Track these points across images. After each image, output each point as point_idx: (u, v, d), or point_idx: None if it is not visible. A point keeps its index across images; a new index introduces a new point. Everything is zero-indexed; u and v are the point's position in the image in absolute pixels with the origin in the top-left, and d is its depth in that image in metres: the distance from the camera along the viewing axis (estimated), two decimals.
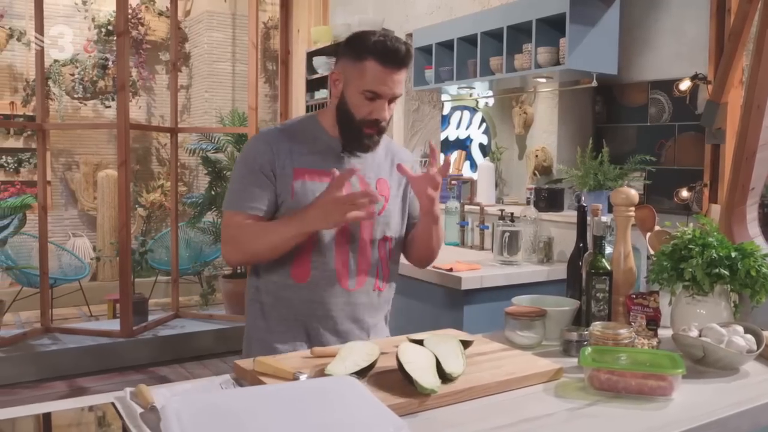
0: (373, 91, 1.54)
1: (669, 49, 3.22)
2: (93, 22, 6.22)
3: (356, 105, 1.57)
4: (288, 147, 1.63)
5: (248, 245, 1.60)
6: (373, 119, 1.58)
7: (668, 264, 1.64)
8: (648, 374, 1.28)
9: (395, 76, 1.55)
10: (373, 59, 1.53)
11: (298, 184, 1.61)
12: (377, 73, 1.53)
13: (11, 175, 6.04)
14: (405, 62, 1.55)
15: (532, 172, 3.84)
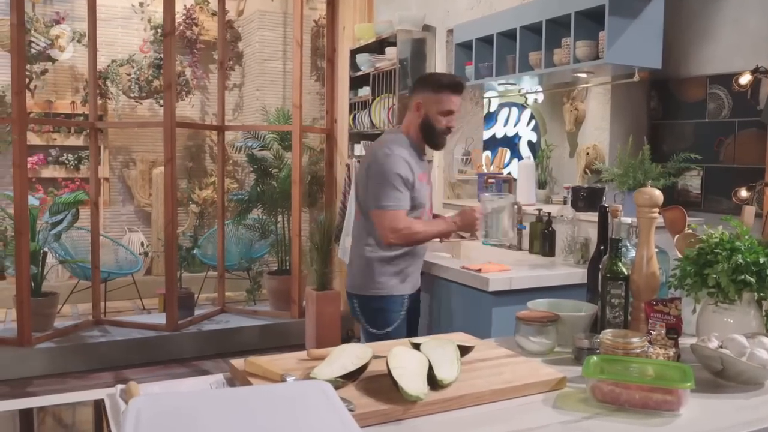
0: (449, 110, 2.45)
1: (729, 41, 3.05)
2: (149, 23, 6.38)
3: (438, 120, 2.45)
4: (410, 162, 2.45)
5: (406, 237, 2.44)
6: (449, 128, 2.48)
7: (692, 269, 1.54)
8: (654, 387, 1.20)
9: (459, 99, 2.49)
10: (449, 91, 2.44)
11: (418, 184, 2.48)
12: (451, 99, 2.45)
13: (72, 172, 6.26)
14: (462, 90, 2.50)
15: (582, 171, 3.71)
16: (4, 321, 5.09)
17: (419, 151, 2.51)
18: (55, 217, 4.58)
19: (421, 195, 2.47)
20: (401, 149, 2.45)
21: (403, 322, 2.53)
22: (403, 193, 2.39)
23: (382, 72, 4.02)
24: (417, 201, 2.45)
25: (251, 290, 5.50)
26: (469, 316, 2.62)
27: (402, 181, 2.39)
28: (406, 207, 2.41)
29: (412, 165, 2.43)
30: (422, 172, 2.49)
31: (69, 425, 1.27)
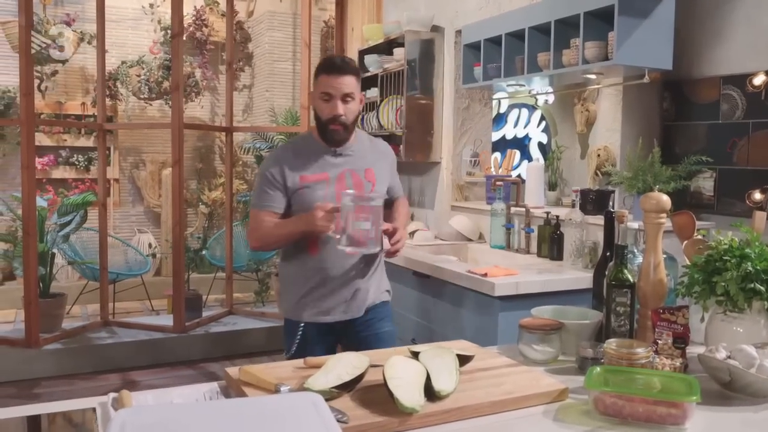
0: (325, 92, 2.12)
1: (743, 41, 2.99)
2: (159, 24, 6.39)
3: (320, 108, 2.15)
4: (293, 162, 2.20)
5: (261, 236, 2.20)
6: (332, 116, 2.12)
7: (700, 277, 1.50)
8: (658, 400, 1.16)
9: (339, 79, 2.10)
10: (322, 71, 2.14)
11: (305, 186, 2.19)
12: (325, 79, 2.12)
13: (82, 172, 6.28)
14: (342, 68, 2.12)
15: (593, 173, 3.66)
16: (14, 321, 5.10)
17: (324, 147, 2.19)
18: (63, 218, 4.59)
19: (314, 197, 2.15)
20: (289, 147, 2.28)
21: (304, 351, 2.17)
22: (267, 194, 2.17)
23: (391, 73, 3.99)
24: (305, 204, 2.13)
25: (259, 292, 5.49)
26: (476, 321, 2.59)
27: (267, 180, 2.17)
28: (269, 208, 2.17)
29: (297, 163, 2.18)
30: (321, 171, 2.18)
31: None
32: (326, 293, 2.21)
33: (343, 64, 2.13)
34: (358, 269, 2.23)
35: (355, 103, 2.15)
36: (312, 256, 2.22)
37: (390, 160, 2.37)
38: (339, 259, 2.19)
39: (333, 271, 2.20)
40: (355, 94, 2.15)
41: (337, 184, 2.19)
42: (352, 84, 2.12)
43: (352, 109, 2.14)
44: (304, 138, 2.31)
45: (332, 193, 2.16)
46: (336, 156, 2.21)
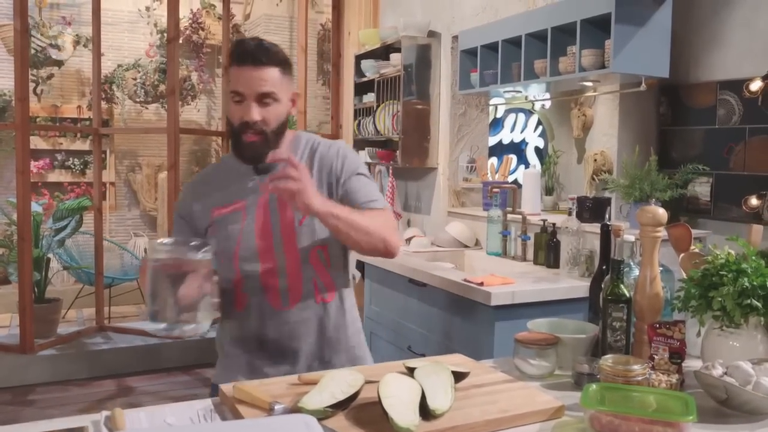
0: (235, 91, 1.55)
1: (739, 46, 2.99)
2: (155, 28, 6.38)
3: (230, 111, 1.59)
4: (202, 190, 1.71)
5: None
6: (244, 122, 1.54)
7: (696, 291, 1.49)
8: (654, 420, 1.15)
9: (253, 73, 1.53)
10: (233, 63, 1.56)
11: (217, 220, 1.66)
12: (236, 73, 1.55)
13: (78, 176, 6.26)
14: (257, 57, 1.54)
15: (590, 177, 3.66)
16: (9, 326, 5.09)
17: (244, 167, 1.64)
18: (58, 223, 4.57)
19: (226, 235, 1.63)
20: (200, 175, 1.80)
21: None
22: (176, 233, 1.70)
23: (387, 78, 3.98)
24: (219, 246, 1.57)
25: None
26: (472, 330, 2.58)
27: (175, 224, 1.72)
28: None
29: (208, 194, 1.68)
30: (235, 199, 1.64)
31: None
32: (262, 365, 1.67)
33: (259, 51, 1.54)
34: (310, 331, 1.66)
35: (279, 105, 1.57)
36: (238, 312, 1.66)
37: (339, 168, 1.67)
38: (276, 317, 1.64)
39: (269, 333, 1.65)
40: (280, 92, 1.57)
41: (259, 214, 1.63)
42: (273, 79, 1.55)
43: (274, 112, 1.56)
44: (224, 159, 1.77)
45: (251, 229, 1.62)
46: (259, 175, 1.63)
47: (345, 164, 1.67)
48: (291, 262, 1.62)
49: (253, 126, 1.54)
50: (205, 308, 1.39)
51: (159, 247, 1.36)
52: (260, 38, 1.59)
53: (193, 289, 1.37)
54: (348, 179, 1.66)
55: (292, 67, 1.63)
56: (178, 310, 1.35)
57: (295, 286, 1.63)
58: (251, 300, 1.64)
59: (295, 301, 1.63)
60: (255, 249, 1.62)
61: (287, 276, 1.63)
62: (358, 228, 1.51)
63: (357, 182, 1.67)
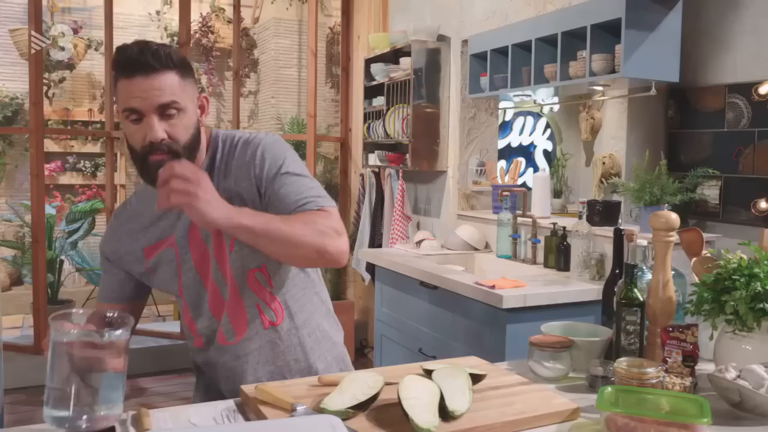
0: (129, 108, 1.30)
1: (748, 50, 3.01)
2: (165, 31, 6.42)
3: (129, 134, 1.33)
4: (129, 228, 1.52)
5: None
6: (148, 143, 1.30)
7: (709, 296, 1.51)
8: (670, 422, 1.17)
9: (144, 83, 1.28)
10: (118, 75, 1.31)
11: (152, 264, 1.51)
12: (125, 87, 1.30)
13: (89, 178, 6.31)
14: (145, 62, 1.28)
15: (598, 180, 3.68)
16: (21, 327, 5.13)
17: None
18: (71, 225, 4.62)
19: (165, 278, 1.51)
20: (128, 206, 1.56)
21: None
22: (105, 275, 1.56)
23: (397, 82, 4.01)
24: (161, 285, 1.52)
25: None
26: (483, 332, 2.60)
27: (104, 256, 1.55)
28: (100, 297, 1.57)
29: (135, 231, 1.51)
30: (162, 235, 1.48)
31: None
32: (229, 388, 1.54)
33: (148, 56, 1.29)
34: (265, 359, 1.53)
35: (185, 114, 1.34)
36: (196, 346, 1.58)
37: (259, 170, 1.42)
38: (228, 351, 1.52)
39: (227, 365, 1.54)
40: (183, 100, 1.33)
41: (194, 245, 1.47)
42: (173, 85, 1.31)
43: (181, 125, 1.33)
44: (145, 186, 1.48)
45: (189, 266, 1.48)
46: None
47: (265, 164, 1.42)
48: (232, 291, 1.47)
49: (159, 146, 1.30)
50: (113, 388, 1.12)
51: (67, 325, 1.11)
52: (146, 40, 1.34)
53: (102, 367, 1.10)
54: (271, 182, 1.41)
55: (192, 68, 1.39)
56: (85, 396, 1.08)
57: (237, 317, 1.49)
58: (205, 337, 1.53)
59: (241, 333, 1.50)
60: (201, 290, 1.49)
61: (227, 308, 1.48)
62: (281, 238, 1.29)
63: (282, 183, 1.41)
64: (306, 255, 1.34)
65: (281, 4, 6.49)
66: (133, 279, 1.54)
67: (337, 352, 1.65)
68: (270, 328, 1.51)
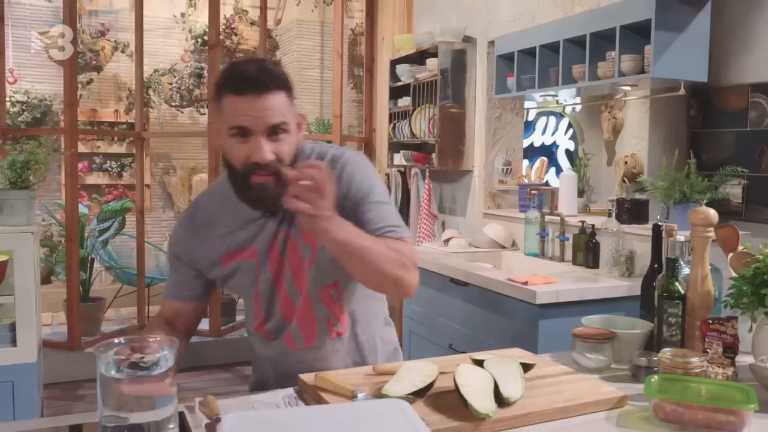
0: (237, 126, 1.30)
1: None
2: (190, 33, 6.52)
3: (232, 151, 1.33)
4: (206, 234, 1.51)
5: None
6: (253, 163, 1.30)
7: (748, 289, 1.56)
8: (717, 408, 1.22)
9: (257, 103, 1.28)
10: (228, 91, 1.31)
11: (230, 269, 1.52)
12: (234, 105, 1.30)
13: (114, 178, 6.42)
14: (262, 83, 1.29)
15: (620, 180, 3.72)
16: (51, 324, 5.24)
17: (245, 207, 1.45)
18: (102, 224, 4.72)
19: (241, 288, 1.55)
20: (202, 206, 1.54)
21: None
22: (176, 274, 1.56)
23: (423, 83, 4.07)
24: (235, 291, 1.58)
25: None
26: (515, 328, 2.65)
27: (175, 256, 1.56)
28: (170, 295, 1.57)
29: (210, 235, 1.51)
30: (244, 244, 1.49)
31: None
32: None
33: (264, 75, 1.30)
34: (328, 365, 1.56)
35: (290, 135, 1.35)
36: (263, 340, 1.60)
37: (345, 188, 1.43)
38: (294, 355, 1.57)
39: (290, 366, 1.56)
40: (290, 120, 1.34)
41: (273, 259, 1.49)
42: (282, 106, 1.32)
43: (287, 145, 1.34)
44: (219, 191, 1.52)
45: (268, 278, 1.50)
46: (271, 218, 1.47)
47: (351, 186, 1.44)
48: (304, 305, 1.52)
49: (265, 166, 1.30)
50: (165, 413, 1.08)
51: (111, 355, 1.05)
52: (261, 58, 1.35)
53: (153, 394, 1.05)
54: (356, 205, 1.43)
55: (292, 88, 1.39)
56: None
57: (306, 325, 1.54)
58: (273, 337, 1.57)
59: (310, 342, 1.56)
60: (274, 296, 1.53)
61: (298, 315, 1.53)
62: (369, 262, 1.33)
63: (368, 209, 1.44)
64: (382, 282, 1.39)
65: (306, 5, 6.57)
66: (204, 277, 1.55)
67: (391, 350, 1.72)
68: (336, 338, 1.57)
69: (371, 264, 1.33)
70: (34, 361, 2.90)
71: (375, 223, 1.42)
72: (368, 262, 1.32)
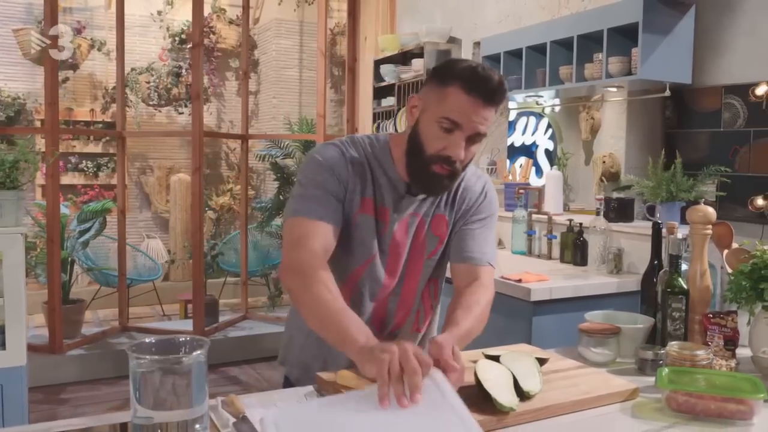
0: (451, 119, 1.34)
1: (744, 51, 3.13)
2: (167, 32, 6.46)
3: (429, 136, 1.38)
4: (361, 172, 1.49)
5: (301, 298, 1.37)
6: (445, 156, 1.37)
7: (747, 284, 1.62)
8: (728, 398, 1.28)
9: (481, 110, 1.34)
10: (458, 85, 1.34)
11: (360, 217, 1.49)
12: (460, 100, 1.34)
13: (90, 178, 6.33)
14: (496, 96, 1.35)
15: (599, 179, 3.80)
16: (29, 327, 5.15)
17: (396, 179, 1.48)
18: (83, 225, 4.65)
19: (364, 240, 1.49)
20: (346, 153, 1.49)
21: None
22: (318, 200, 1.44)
23: (408, 83, 4.10)
24: (350, 244, 1.49)
25: (273, 296, 5.57)
26: (509, 325, 2.70)
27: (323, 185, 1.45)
28: (323, 219, 1.42)
29: (354, 181, 1.47)
30: (385, 204, 1.49)
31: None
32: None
33: (500, 92, 1.36)
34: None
35: (478, 146, 1.44)
36: None
37: (477, 206, 1.56)
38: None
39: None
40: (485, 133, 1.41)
41: (398, 231, 1.50)
42: (490, 120, 1.39)
43: (473, 153, 1.43)
44: (379, 148, 1.51)
45: (386, 245, 1.51)
46: (415, 195, 1.49)
47: (483, 205, 1.57)
48: (407, 291, 1.55)
49: (453, 163, 1.38)
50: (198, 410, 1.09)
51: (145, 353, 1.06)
52: (498, 73, 1.40)
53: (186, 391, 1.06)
54: (475, 222, 1.55)
55: None
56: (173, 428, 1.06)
57: (401, 314, 1.57)
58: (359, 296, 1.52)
59: (397, 327, 1.57)
60: (384, 266, 1.51)
61: (398, 303, 1.55)
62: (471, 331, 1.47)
63: (481, 232, 1.55)
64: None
65: (287, 5, 6.56)
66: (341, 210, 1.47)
67: None
68: (413, 333, 1.62)
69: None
70: (23, 365, 2.86)
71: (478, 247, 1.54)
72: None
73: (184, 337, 1.12)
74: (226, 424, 1.25)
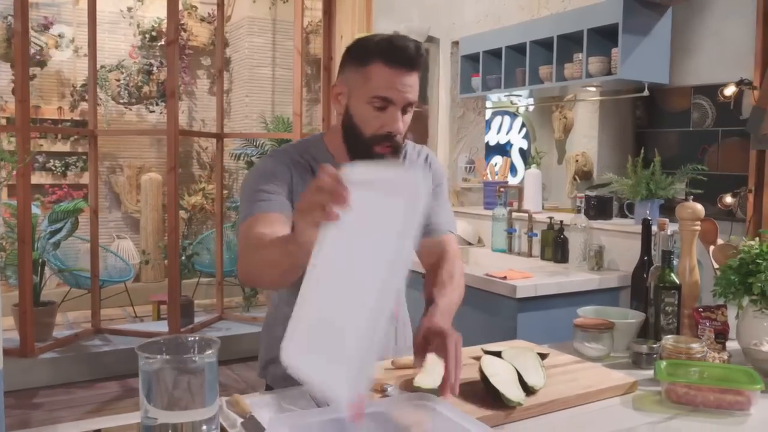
0: (382, 97, 1.34)
1: (713, 54, 3.22)
2: (138, 29, 6.35)
3: (364, 118, 1.37)
4: (301, 172, 1.45)
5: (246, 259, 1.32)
6: (384, 133, 1.37)
7: (735, 278, 1.66)
8: (726, 389, 1.31)
9: (406, 78, 1.35)
10: (379, 60, 1.34)
11: None
12: (385, 75, 1.34)
13: (59, 178, 6.19)
14: (415, 62, 1.36)
15: (572, 177, 3.87)
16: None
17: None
18: (54, 225, 4.55)
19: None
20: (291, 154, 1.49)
21: None
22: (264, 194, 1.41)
23: None
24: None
25: (248, 297, 5.52)
26: (494, 322, 2.72)
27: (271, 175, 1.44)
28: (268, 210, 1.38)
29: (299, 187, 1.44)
30: None
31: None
32: None
33: (418, 56, 1.36)
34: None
35: (411, 113, 1.43)
36: None
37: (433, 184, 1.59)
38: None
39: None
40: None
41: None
42: (416, 84, 1.39)
43: (407, 122, 1.43)
44: (317, 147, 1.51)
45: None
46: None
47: (428, 173, 1.57)
48: None
49: (394, 137, 1.38)
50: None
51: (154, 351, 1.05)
52: (412, 39, 1.40)
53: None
54: (439, 201, 1.57)
55: None
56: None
57: None
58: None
59: None
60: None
61: None
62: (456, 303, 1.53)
63: (440, 201, 1.57)
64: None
65: (262, 2, 6.51)
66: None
67: (408, 333, 1.73)
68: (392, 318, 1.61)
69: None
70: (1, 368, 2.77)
71: (443, 216, 1.59)
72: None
73: (193, 337, 1.11)
74: (233, 424, 1.25)
